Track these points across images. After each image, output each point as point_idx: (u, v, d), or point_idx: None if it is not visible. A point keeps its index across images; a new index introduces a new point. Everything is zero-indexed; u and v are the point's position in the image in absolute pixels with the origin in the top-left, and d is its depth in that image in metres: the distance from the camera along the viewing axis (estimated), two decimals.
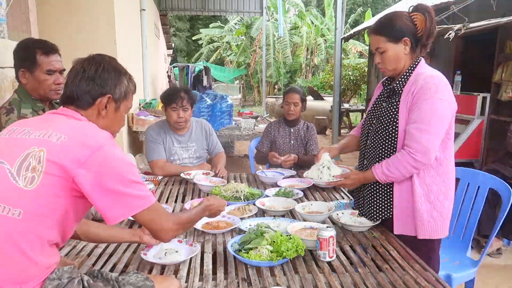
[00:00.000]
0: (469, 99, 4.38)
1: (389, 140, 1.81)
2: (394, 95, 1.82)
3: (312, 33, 18.96)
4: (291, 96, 3.17)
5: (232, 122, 5.77)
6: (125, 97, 1.35)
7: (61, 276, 1.17)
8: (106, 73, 1.28)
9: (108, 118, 1.32)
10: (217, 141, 3.15)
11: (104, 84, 1.28)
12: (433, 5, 5.32)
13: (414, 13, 1.75)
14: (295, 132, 3.26)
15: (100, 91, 1.27)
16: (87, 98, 1.27)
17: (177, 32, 25.03)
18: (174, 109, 2.84)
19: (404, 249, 1.69)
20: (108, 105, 1.30)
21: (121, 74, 1.33)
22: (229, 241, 1.67)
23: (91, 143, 1.14)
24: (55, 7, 4.04)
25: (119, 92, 1.31)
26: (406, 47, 1.75)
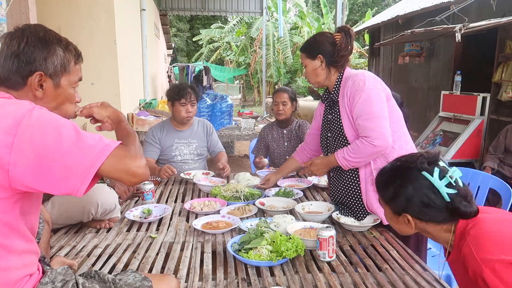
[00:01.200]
0: (469, 99, 4.39)
1: (342, 146, 1.94)
2: (334, 105, 1.99)
3: (313, 33, 18.95)
4: (279, 95, 3.14)
5: (232, 122, 5.78)
6: (65, 70, 1.14)
7: (54, 279, 1.11)
8: (32, 46, 1.08)
9: (50, 98, 1.13)
10: (218, 141, 3.16)
11: (31, 60, 1.08)
12: (433, 5, 5.33)
13: (336, 34, 1.96)
14: (288, 134, 3.22)
15: (28, 68, 1.08)
16: (16, 78, 1.08)
17: (178, 33, 25.04)
18: (183, 104, 2.87)
19: (404, 249, 1.69)
20: (44, 83, 1.11)
21: (51, 44, 1.11)
22: (229, 241, 1.67)
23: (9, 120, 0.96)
24: (55, 7, 4.05)
25: (53, 66, 1.11)
26: (322, 64, 1.96)
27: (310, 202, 2.18)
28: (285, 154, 3.18)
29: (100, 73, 4.36)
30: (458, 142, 4.22)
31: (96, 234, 1.87)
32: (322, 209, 2.09)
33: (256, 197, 2.30)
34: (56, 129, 0.98)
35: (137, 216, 2.03)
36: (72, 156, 0.97)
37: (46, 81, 1.11)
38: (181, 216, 2.11)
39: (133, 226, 1.96)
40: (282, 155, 3.19)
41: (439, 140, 4.58)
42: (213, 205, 2.16)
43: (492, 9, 4.28)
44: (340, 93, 1.95)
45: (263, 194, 2.38)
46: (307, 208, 2.11)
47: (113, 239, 1.80)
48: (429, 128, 4.89)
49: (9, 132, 0.95)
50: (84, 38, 4.17)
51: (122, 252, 1.67)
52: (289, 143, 3.22)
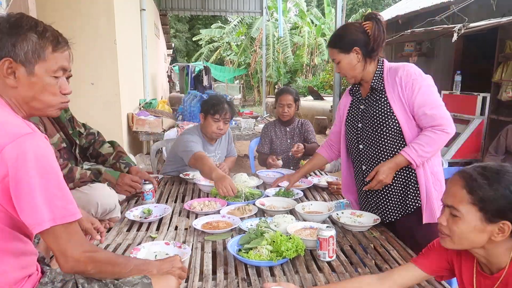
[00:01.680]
0: (469, 99, 4.39)
1: (388, 136, 1.86)
2: (376, 94, 1.90)
3: (313, 33, 18.96)
4: (284, 98, 3.18)
5: (232, 122, 5.78)
6: (39, 57, 1.07)
7: (54, 279, 1.11)
8: (0, 33, 1.04)
9: (23, 87, 1.07)
10: (234, 147, 3.18)
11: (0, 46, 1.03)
12: (433, 5, 5.33)
13: (365, 22, 1.86)
14: (291, 131, 3.28)
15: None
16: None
17: (177, 33, 25.04)
18: (216, 120, 2.78)
19: (404, 249, 1.69)
20: (16, 71, 1.06)
21: (22, 30, 1.06)
22: (229, 241, 1.67)
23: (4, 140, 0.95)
24: (55, 7, 4.05)
25: (24, 53, 1.05)
26: (358, 56, 1.87)
27: (310, 202, 2.18)
28: (288, 150, 3.21)
29: (100, 73, 4.35)
30: (458, 142, 4.22)
31: None
32: (322, 209, 2.09)
33: (256, 197, 2.30)
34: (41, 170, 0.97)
35: (137, 216, 2.03)
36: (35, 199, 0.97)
37: (18, 69, 1.06)
38: (181, 216, 2.11)
39: (133, 226, 1.96)
40: (284, 151, 3.23)
41: None
42: (213, 205, 2.16)
43: (492, 9, 4.29)
44: (386, 83, 1.86)
45: (263, 194, 2.38)
46: (307, 208, 2.11)
47: (113, 239, 1.80)
48: None
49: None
50: (84, 38, 4.17)
51: (122, 252, 1.67)
52: (292, 140, 3.25)
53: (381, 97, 1.87)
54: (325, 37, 19.12)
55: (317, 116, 10.56)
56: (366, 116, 1.92)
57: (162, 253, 1.59)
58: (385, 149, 1.88)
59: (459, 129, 4.41)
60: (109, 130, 4.45)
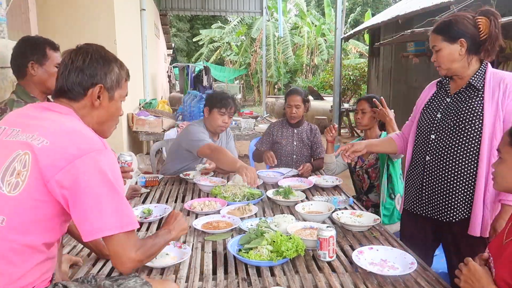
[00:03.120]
0: None
1: (467, 133, 1.77)
2: (470, 91, 1.80)
3: (313, 33, 18.97)
4: (293, 98, 3.11)
5: (232, 122, 5.78)
6: (118, 85, 1.29)
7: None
8: (95, 62, 1.23)
9: (103, 109, 1.26)
10: (234, 148, 3.16)
11: (94, 74, 1.22)
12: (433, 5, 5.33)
13: (479, 17, 1.76)
14: (299, 134, 3.19)
15: (91, 81, 1.22)
16: (78, 89, 1.22)
17: (178, 33, 25.04)
18: (222, 113, 2.82)
19: (405, 249, 1.69)
20: (101, 95, 1.24)
21: (111, 62, 1.27)
22: (229, 241, 1.67)
23: (72, 149, 1.08)
24: (55, 7, 4.05)
25: (111, 81, 1.26)
26: (462, 48, 1.76)
27: (310, 202, 2.19)
28: (293, 153, 3.16)
29: None
30: None
31: None
32: (323, 209, 2.09)
33: (256, 197, 2.31)
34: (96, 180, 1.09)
35: (137, 216, 2.03)
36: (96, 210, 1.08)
37: (103, 93, 1.25)
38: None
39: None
40: (289, 154, 3.17)
41: None
42: (213, 205, 2.16)
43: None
44: (487, 84, 1.76)
45: (263, 194, 2.38)
46: (307, 208, 2.11)
47: None
48: None
49: (66, 160, 1.06)
50: (84, 38, 4.15)
51: None
52: (299, 143, 3.18)
53: (476, 96, 1.77)
54: (325, 37, 19.12)
55: (317, 116, 10.56)
56: (450, 109, 1.83)
57: (162, 253, 1.59)
58: (457, 145, 1.79)
59: None
60: None
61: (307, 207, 2.11)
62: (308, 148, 3.20)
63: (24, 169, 1.06)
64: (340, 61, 7.55)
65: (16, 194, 1.05)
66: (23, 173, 1.05)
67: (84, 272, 1.51)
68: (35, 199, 1.06)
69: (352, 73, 13.11)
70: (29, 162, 1.06)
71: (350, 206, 2.25)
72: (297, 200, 2.24)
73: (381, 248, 1.64)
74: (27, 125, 1.15)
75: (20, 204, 1.05)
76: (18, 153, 1.08)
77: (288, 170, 2.92)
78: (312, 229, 1.82)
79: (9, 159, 1.08)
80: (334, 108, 7.49)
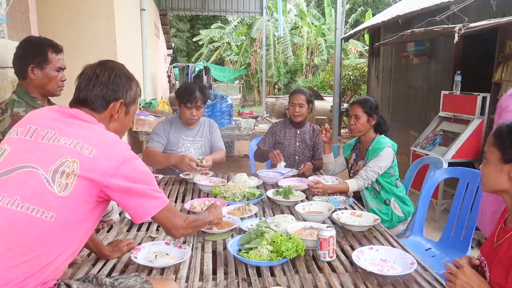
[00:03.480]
0: (469, 99, 4.39)
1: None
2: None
3: (313, 33, 18.96)
4: (297, 97, 3.08)
5: (232, 122, 5.78)
6: (134, 101, 1.42)
7: None
8: (119, 79, 1.35)
9: (120, 121, 1.39)
10: (220, 139, 3.12)
11: (117, 90, 1.35)
12: (433, 5, 5.33)
13: None
14: (301, 134, 3.16)
15: (114, 96, 1.34)
16: (100, 102, 1.32)
17: (178, 33, 25.04)
18: (188, 107, 2.88)
19: (405, 249, 1.69)
20: (120, 109, 1.37)
21: (131, 80, 1.41)
22: (229, 241, 1.67)
23: (118, 157, 1.22)
24: (55, 7, 4.05)
25: (130, 97, 1.39)
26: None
27: (310, 202, 2.19)
28: (295, 154, 3.14)
29: None
30: (458, 142, 4.21)
31: (96, 234, 1.87)
32: (323, 209, 2.09)
33: (257, 197, 2.31)
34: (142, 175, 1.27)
35: None
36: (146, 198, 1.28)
37: (122, 108, 1.37)
38: None
39: (133, 226, 1.96)
40: (292, 155, 3.15)
41: (439, 140, 4.57)
42: None
43: (492, 9, 4.28)
44: None
45: (263, 194, 2.38)
46: (307, 208, 2.11)
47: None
48: (429, 128, 4.89)
49: (115, 166, 1.21)
50: (84, 38, 4.16)
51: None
52: (301, 143, 3.16)
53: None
54: (325, 37, 19.12)
55: (317, 116, 10.56)
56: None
57: (162, 253, 1.59)
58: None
59: (458, 129, 4.41)
60: None
61: (307, 207, 2.11)
62: (310, 149, 3.18)
63: (72, 173, 1.16)
64: (340, 61, 7.54)
65: (66, 194, 1.15)
66: (72, 177, 1.16)
67: (84, 272, 1.51)
68: (81, 199, 1.17)
69: (352, 73, 13.10)
70: (77, 169, 1.16)
71: (350, 206, 2.25)
72: (297, 200, 2.24)
73: (381, 248, 1.64)
74: (62, 130, 1.24)
75: (69, 204, 1.15)
76: (67, 159, 1.17)
77: (288, 170, 2.92)
78: (312, 229, 1.82)
79: (57, 162, 1.17)
80: (334, 108, 7.48)
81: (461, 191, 2.34)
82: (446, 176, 2.54)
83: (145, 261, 1.54)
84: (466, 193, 2.32)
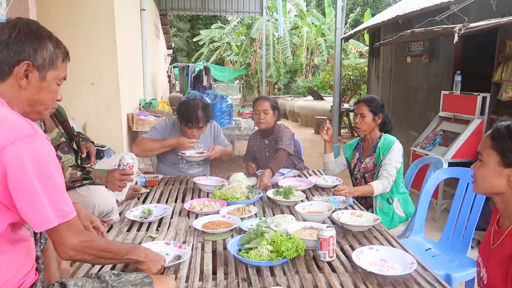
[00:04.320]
0: (469, 99, 4.39)
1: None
2: None
3: (313, 33, 18.96)
4: (260, 104, 2.96)
5: (232, 122, 5.78)
6: (52, 65, 1.16)
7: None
8: (23, 37, 1.10)
9: (32, 89, 1.14)
10: (224, 139, 3.17)
11: (21, 50, 1.10)
12: (433, 5, 5.33)
13: None
14: (270, 143, 3.05)
15: (17, 57, 1.10)
16: (2, 66, 1.09)
17: (178, 33, 25.04)
18: (189, 127, 2.83)
19: (405, 249, 1.69)
20: (30, 74, 1.12)
21: (43, 38, 1.14)
22: (229, 241, 1.67)
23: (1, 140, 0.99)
24: (55, 7, 4.05)
25: (42, 59, 1.13)
26: None
27: (310, 202, 2.18)
28: (267, 164, 2.84)
29: (100, 73, 4.35)
30: (458, 142, 4.21)
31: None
32: (322, 209, 2.09)
33: (256, 196, 2.31)
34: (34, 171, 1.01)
35: (137, 216, 2.03)
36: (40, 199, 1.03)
37: (32, 72, 1.12)
38: (181, 216, 2.11)
39: (133, 226, 1.96)
40: (265, 166, 2.85)
41: (439, 140, 4.57)
42: (213, 205, 2.16)
43: (492, 9, 4.28)
44: None
45: (260, 193, 2.38)
46: (307, 208, 2.11)
47: (113, 239, 1.80)
48: (429, 128, 4.88)
49: None
50: (84, 38, 4.17)
51: None
52: (270, 153, 3.02)
53: None
54: (325, 37, 19.11)
55: (317, 116, 10.56)
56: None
57: (162, 253, 1.59)
58: None
59: (458, 129, 4.41)
60: (109, 130, 4.46)
61: (307, 207, 2.11)
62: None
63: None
64: (340, 61, 7.55)
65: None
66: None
67: (84, 272, 1.51)
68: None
69: (352, 73, 13.09)
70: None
71: (350, 206, 2.25)
72: (297, 200, 2.24)
73: (381, 248, 1.64)
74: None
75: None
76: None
77: (288, 170, 2.92)
78: (312, 229, 1.82)
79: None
80: (334, 108, 7.48)
81: (461, 191, 2.34)
82: (446, 176, 2.54)
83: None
84: (466, 193, 2.32)
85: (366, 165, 2.65)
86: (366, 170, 2.65)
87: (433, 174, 2.55)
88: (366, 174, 2.65)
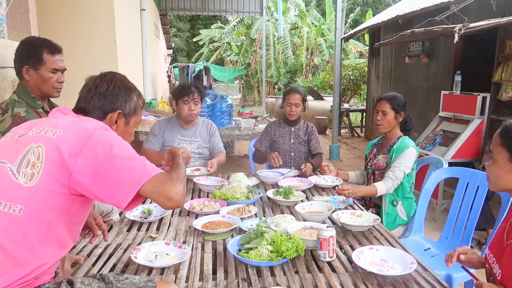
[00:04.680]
0: (469, 99, 4.39)
1: None
2: None
3: (313, 33, 18.96)
4: (293, 97, 3.11)
5: (232, 122, 5.77)
6: (135, 112, 1.42)
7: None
8: (117, 90, 1.36)
9: (119, 132, 1.35)
10: (219, 142, 3.18)
11: (115, 101, 1.35)
12: (433, 5, 5.33)
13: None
14: (296, 131, 3.21)
15: (111, 107, 1.35)
16: (98, 112, 1.33)
17: (178, 33, 25.05)
18: (185, 102, 2.95)
19: (405, 249, 1.69)
20: (119, 120, 1.37)
21: (131, 91, 1.40)
22: (229, 241, 1.67)
23: (83, 132, 1.17)
24: (55, 7, 4.05)
25: (129, 108, 1.39)
26: None
27: (310, 202, 2.18)
28: (290, 151, 3.17)
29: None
30: (458, 142, 4.21)
31: None
32: (322, 209, 2.09)
33: (256, 196, 2.31)
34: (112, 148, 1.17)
35: (137, 216, 2.03)
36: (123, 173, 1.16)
37: (120, 119, 1.38)
38: (181, 216, 2.11)
39: (133, 226, 1.96)
40: (287, 151, 3.18)
41: (439, 140, 4.57)
42: (213, 205, 2.16)
43: (492, 9, 4.28)
44: None
45: (260, 193, 2.38)
46: (307, 208, 2.11)
47: (113, 239, 1.80)
48: (429, 128, 4.89)
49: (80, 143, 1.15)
50: (84, 38, 4.17)
51: (123, 252, 1.67)
52: (295, 140, 3.19)
53: None
54: (325, 37, 19.11)
55: (317, 116, 10.56)
56: None
57: (162, 253, 1.59)
58: None
59: (458, 129, 4.41)
60: None
61: (307, 207, 2.11)
62: (306, 145, 3.20)
63: (38, 160, 1.12)
64: (340, 61, 7.54)
65: (33, 184, 1.11)
66: (38, 165, 1.12)
67: (84, 272, 1.51)
68: (50, 190, 1.12)
69: (352, 73, 13.11)
70: (43, 154, 1.13)
71: (350, 206, 2.25)
72: (297, 200, 2.24)
73: (381, 248, 1.64)
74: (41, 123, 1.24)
75: (36, 194, 1.11)
76: (31, 146, 1.15)
77: (288, 170, 2.92)
78: (312, 229, 1.82)
79: (23, 151, 1.15)
80: (334, 108, 7.48)
81: (461, 191, 2.34)
82: (446, 176, 2.54)
83: (145, 261, 1.54)
84: (465, 193, 2.32)
85: (378, 162, 2.63)
86: (377, 167, 2.62)
87: (433, 174, 2.55)
88: (376, 171, 2.62)
